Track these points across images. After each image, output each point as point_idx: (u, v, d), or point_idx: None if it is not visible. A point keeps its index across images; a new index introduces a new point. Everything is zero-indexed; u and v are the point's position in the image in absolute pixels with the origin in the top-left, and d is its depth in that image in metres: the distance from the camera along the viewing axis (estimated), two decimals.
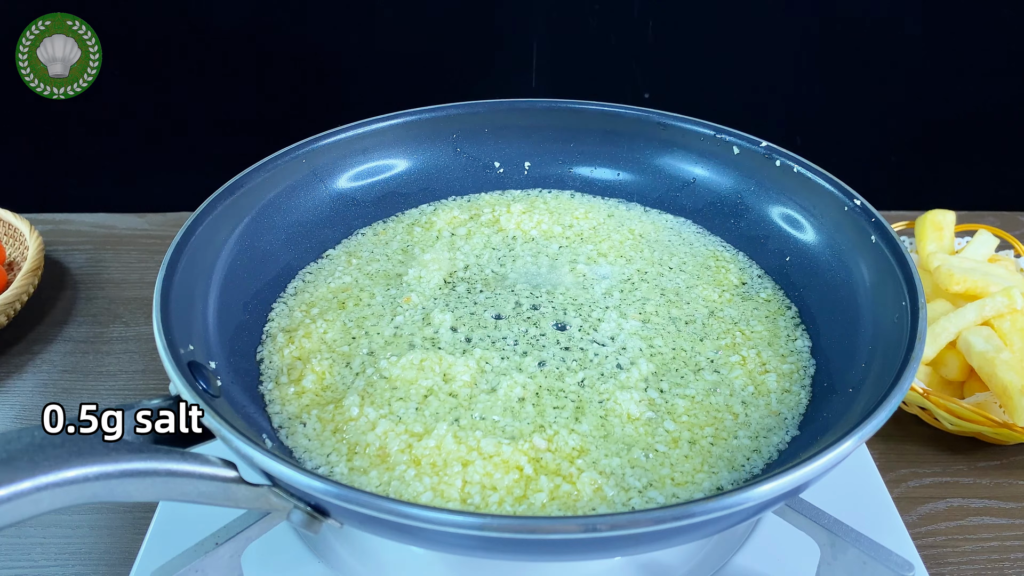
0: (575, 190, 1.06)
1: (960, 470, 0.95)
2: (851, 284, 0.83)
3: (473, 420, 0.71)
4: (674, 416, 0.72)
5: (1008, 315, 0.96)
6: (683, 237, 0.97)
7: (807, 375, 0.78)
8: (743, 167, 0.97)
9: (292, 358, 0.79)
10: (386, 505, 0.52)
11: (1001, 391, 0.89)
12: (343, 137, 0.97)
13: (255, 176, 0.89)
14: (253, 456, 0.56)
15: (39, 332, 1.16)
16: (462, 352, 0.78)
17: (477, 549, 0.57)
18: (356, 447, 0.69)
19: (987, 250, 1.10)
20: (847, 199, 0.85)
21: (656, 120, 1.01)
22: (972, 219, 1.35)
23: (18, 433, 0.52)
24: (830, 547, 0.65)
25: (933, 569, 0.83)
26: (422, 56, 1.80)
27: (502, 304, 0.85)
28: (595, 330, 0.81)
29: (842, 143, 1.91)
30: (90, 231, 1.38)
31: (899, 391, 0.61)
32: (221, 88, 1.84)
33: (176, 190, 1.44)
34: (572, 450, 0.68)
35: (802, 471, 0.55)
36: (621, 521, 0.52)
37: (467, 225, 0.99)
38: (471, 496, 0.65)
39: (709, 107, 1.89)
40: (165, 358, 0.63)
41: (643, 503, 0.64)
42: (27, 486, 0.49)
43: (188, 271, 0.76)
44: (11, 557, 0.83)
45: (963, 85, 1.84)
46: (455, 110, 1.03)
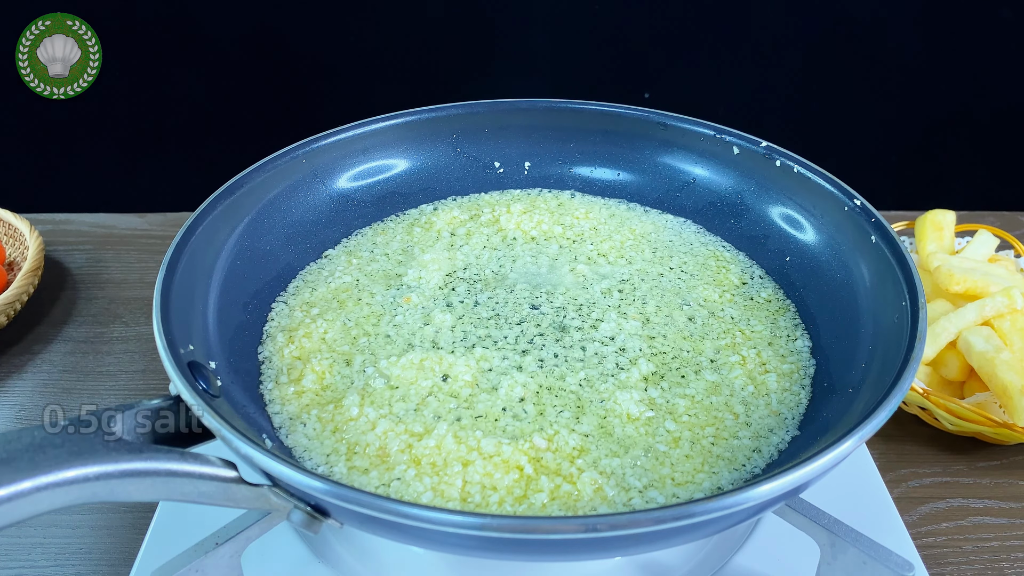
0: (575, 190, 1.06)
1: (960, 470, 0.95)
2: (851, 284, 0.83)
3: (473, 420, 0.71)
4: (674, 416, 0.72)
5: (1008, 315, 0.96)
6: (683, 237, 0.97)
7: (807, 375, 0.78)
8: (743, 167, 0.97)
9: (292, 358, 0.79)
10: (386, 505, 0.52)
11: (1001, 391, 0.89)
12: (343, 137, 0.97)
13: (255, 176, 0.89)
14: (253, 456, 0.56)
15: (39, 332, 1.16)
16: (462, 352, 0.78)
17: (477, 549, 0.57)
18: (356, 447, 0.69)
19: (987, 250, 1.10)
20: (847, 199, 0.85)
21: (656, 120, 1.01)
22: (972, 219, 1.35)
23: (18, 433, 0.52)
24: (830, 547, 0.65)
25: (933, 569, 0.83)
26: (422, 56, 1.81)
27: (502, 304, 0.85)
28: (595, 330, 0.81)
29: (842, 143, 1.91)
30: (90, 231, 1.38)
31: (899, 391, 0.61)
32: (221, 88, 1.84)
33: (176, 190, 1.44)
34: (573, 450, 0.68)
35: (802, 471, 0.55)
36: (621, 521, 0.52)
37: (467, 225, 0.99)
38: (471, 496, 0.65)
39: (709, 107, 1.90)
40: (165, 358, 0.64)
41: (643, 503, 0.64)
42: (27, 486, 0.49)
43: (188, 271, 0.76)
44: (11, 557, 0.83)
45: (963, 85, 1.84)
46: (455, 110, 1.03)
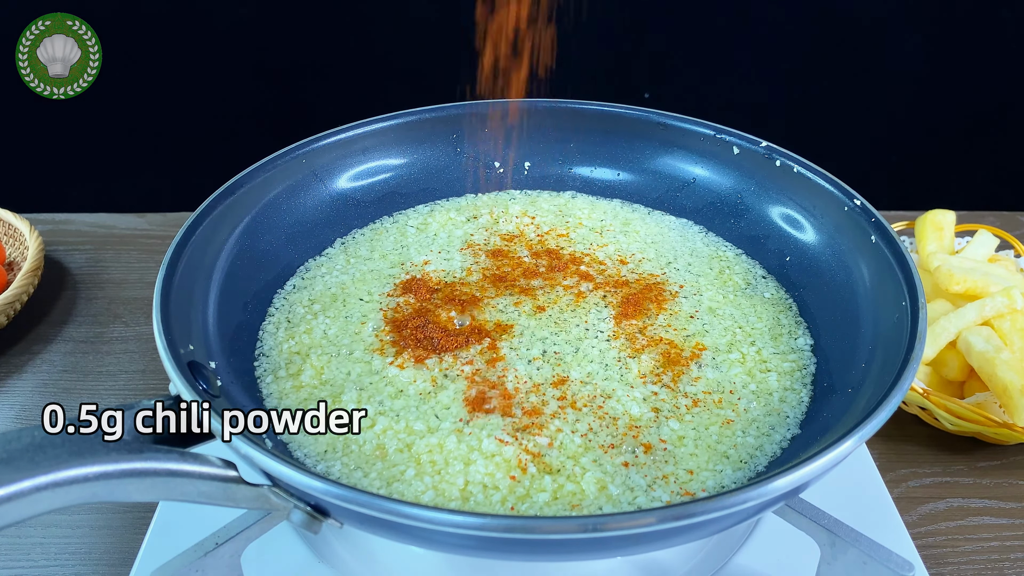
0: (575, 190, 1.06)
1: (960, 470, 0.95)
2: (851, 284, 0.83)
3: (474, 418, 0.71)
4: (677, 414, 0.72)
5: (1008, 315, 0.96)
6: (686, 237, 0.97)
7: (808, 373, 0.78)
8: (743, 167, 0.97)
9: (291, 352, 0.80)
10: (386, 505, 0.52)
11: (1001, 391, 0.89)
12: (343, 137, 0.97)
13: (255, 176, 0.89)
14: (253, 456, 0.56)
15: (39, 332, 1.16)
16: (462, 351, 0.78)
17: (477, 549, 0.57)
18: (352, 443, 0.69)
19: (987, 250, 1.10)
20: (847, 199, 0.85)
21: (656, 120, 1.01)
22: (972, 219, 1.35)
23: (18, 433, 0.52)
24: (830, 547, 0.65)
25: (933, 569, 0.83)
26: (422, 56, 1.80)
27: (503, 303, 0.85)
28: (597, 329, 0.81)
29: (842, 143, 1.91)
30: (90, 231, 1.38)
31: (899, 391, 0.61)
32: (221, 88, 1.84)
33: (176, 190, 1.44)
34: (576, 448, 0.68)
35: (802, 471, 0.55)
36: (620, 521, 0.52)
37: (466, 225, 0.99)
38: (473, 495, 0.64)
39: (709, 107, 1.90)
40: (165, 358, 0.64)
41: (648, 502, 0.64)
42: (27, 486, 0.49)
43: (188, 271, 0.76)
44: (11, 557, 0.83)
45: (963, 85, 1.84)
46: (455, 110, 1.03)
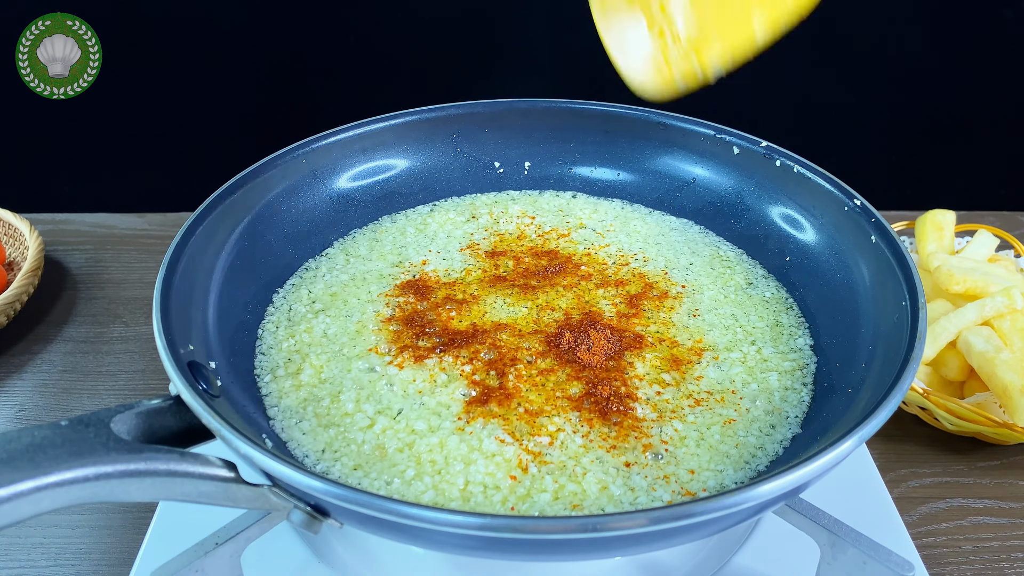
0: (575, 190, 1.06)
1: (960, 470, 0.95)
2: (851, 284, 0.83)
3: (474, 418, 0.71)
4: (679, 414, 0.72)
5: (1008, 315, 0.96)
6: (686, 237, 0.97)
7: (808, 373, 0.78)
8: (743, 167, 0.97)
9: (290, 351, 0.80)
10: (386, 505, 0.52)
11: (1001, 391, 0.89)
12: (343, 137, 0.97)
13: (255, 176, 0.89)
14: (253, 456, 0.56)
15: (39, 332, 1.15)
16: (462, 351, 0.78)
17: (477, 549, 0.57)
18: (351, 443, 0.69)
19: (987, 250, 1.10)
20: (847, 199, 0.85)
21: (656, 120, 1.02)
22: (972, 219, 1.35)
23: (18, 433, 0.52)
24: (830, 547, 0.65)
25: (933, 569, 0.83)
26: (422, 56, 1.80)
27: (503, 303, 0.85)
28: (598, 329, 0.81)
29: (842, 143, 1.91)
30: (90, 231, 1.38)
31: (899, 391, 0.61)
32: (221, 88, 1.84)
33: (176, 190, 1.44)
34: (577, 448, 0.68)
35: (802, 471, 0.55)
36: (621, 521, 0.52)
37: (466, 225, 0.99)
38: (474, 495, 0.64)
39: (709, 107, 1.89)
40: (165, 358, 0.64)
41: (649, 502, 0.64)
42: (27, 486, 0.50)
43: (188, 271, 0.76)
44: (11, 557, 0.83)
45: (963, 85, 1.84)
46: (455, 110, 1.03)
